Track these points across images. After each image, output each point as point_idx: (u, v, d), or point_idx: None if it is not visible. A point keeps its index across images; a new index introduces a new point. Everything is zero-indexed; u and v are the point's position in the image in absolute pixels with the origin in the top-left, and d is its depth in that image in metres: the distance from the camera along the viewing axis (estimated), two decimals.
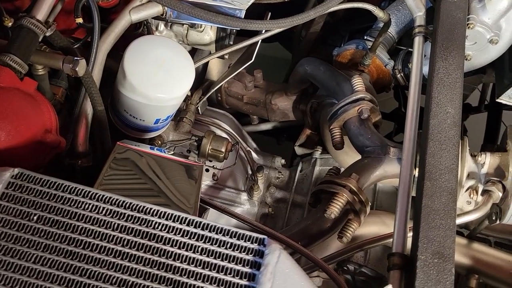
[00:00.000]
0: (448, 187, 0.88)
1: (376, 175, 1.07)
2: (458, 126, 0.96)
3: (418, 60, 1.09)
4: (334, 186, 1.03)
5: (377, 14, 1.25)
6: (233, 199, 1.36)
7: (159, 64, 1.00)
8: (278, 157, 1.50)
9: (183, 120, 1.30)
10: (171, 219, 0.70)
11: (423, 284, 0.79)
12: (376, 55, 1.42)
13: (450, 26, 1.08)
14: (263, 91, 1.59)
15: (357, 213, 1.04)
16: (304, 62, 1.42)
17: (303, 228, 1.04)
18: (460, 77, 1.01)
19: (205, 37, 1.29)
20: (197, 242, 0.69)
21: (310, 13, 1.14)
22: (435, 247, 0.83)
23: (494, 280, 1.15)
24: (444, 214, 0.86)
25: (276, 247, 0.68)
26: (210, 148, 1.25)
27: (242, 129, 1.54)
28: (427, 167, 0.91)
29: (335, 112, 1.19)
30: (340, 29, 1.74)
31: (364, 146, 1.11)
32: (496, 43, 1.22)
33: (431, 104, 0.98)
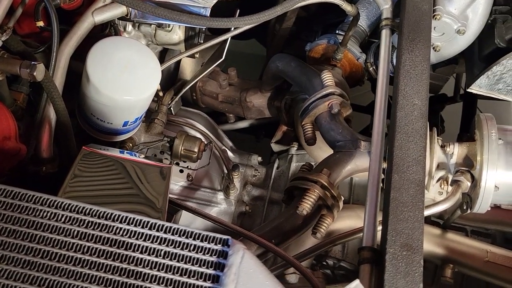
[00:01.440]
0: (416, 179, 0.89)
1: (347, 170, 1.07)
2: (425, 117, 0.96)
3: (386, 53, 1.09)
4: (306, 182, 1.02)
5: (345, 8, 1.24)
6: (209, 199, 1.35)
7: (123, 66, 0.99)
8: (255, 155, 1.50)
9: (155, 121, 1.28)
10: (132, 223, 0.69)
11: (392, 277, 0.79)
12: (348, 49, 1.42)
13: (416, 18, 1.08)
14: (238, 89, 1.58)
15: (330, 208, 1.03)
16: (276, 58, 1.41)
17: (276, 226, 1.03)
18: (426, 68, 1.02)
19: (174, 36, 1.27)
20: (160, 245, 0.68)
21: (277, 9, 1.13)
22: (404, 239, 0.83)
23: (469, 269, 1.16)
24: (412, 206, 0.86)
25: (240, 247, 0.68)
26: (183, 149, 1.24)
27: (217, 128, 1.53)
28: (394, 159, 0.91)
29: (306, 108, 1.18)
30: (314, 24, 1.74)
31: (335, 141, 1.11)
32: (464, 33, 1.22)
33: (398, 97, 0.98)
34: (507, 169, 0.96)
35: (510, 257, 1.13)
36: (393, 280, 0.79)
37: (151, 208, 0.86)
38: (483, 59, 1.30)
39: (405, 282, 0.79)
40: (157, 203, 0.87)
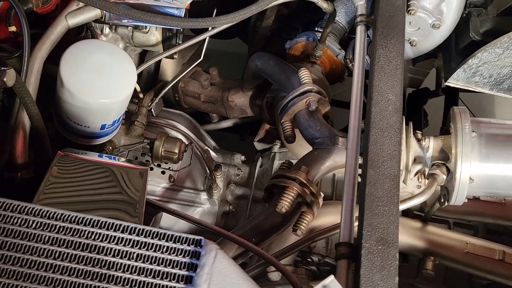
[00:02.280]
0: (391, 173, 0.89)
1: (326, 166, 1.08)
2: (400, 112, 0.97)
3: (361, 49, 1.10)
4: (284, 180, 1.03)
5: (321, 6, 1.25)
6: (192, 200, 1.35)
7: (97, 69, 0.98)
8: (238, 154, 1.50)
9: (135, 123, 1.28)
10: (104, 227, 0.69)
11: (368, 271, 0.80)
12: (327, 46, 1.43)
13: (389, 13, 1.09)
14: (220, 88, 1.58)
15: (309, 205, 1.04)
16: (255, 57, 1.41)
17: (256, 225, 1.04)
18: (400, 63, 1.02)
19: (151, 38, 1.27)
20: (132, 248, 0.68)
21: (252, 8, 1.13)
22: (379, 234, 0.83)
23: (450, 261, 1.17)
24: (387, 200, 0.87)
25: (213, 247, 0.68)
26: (163, 150, 1.24)
27: (200, 129, 1.53)
28: (369, 155, 0.91)
29: (285, 105, 1.19)
30: (294, 21, 1.74)
31: (314, 138, 1.12)
32: (439, 27, 1.23)
33: (373, 92, 0.99)
34: (481, 161, 0.97)
35: (489, 248, 1.15)
36: (368, 275, 0.79)
37: (128, 211, 0.86)
38: (460, 52, 1.31)
39: (381, 276, 0.79)
40: (134, 206, 0.87)
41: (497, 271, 1.14)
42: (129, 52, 1.40)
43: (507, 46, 1.16)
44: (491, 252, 1.13)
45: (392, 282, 0.79)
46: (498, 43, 1.16)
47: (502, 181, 0.97)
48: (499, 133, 0.99)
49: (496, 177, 0.97)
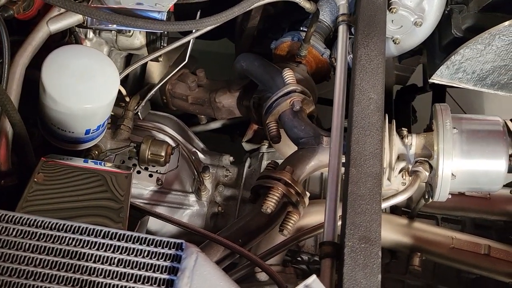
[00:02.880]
0: (373, 172, 0.90)
1: (311, 166, 1.09)
2: (381, 111, 0.97)
3: (343, 49, 1.11)
4: (269, 181, 1.03)
5: (303, 6, 1.25)
6: (180, 202, 1.36)
7: (79, 74, 0.98)
8: (226, 155, 1.50)
9: (121, 127, 1.28)
10: (85, 233, 0.69)
11: (351, 269, 0.80)
12: (312, 45, 1.43)
13: (370, 12, 1.10)
14: (207, 90, 1.58)
15: (295, 205, 1.04)
16: (240, 58, 1.42)
17: (243, 226, 1.04)
18: (382, 62, 1.03)
19: (135, 41, 1.27)
20: (113, 254, 0.68)
21: (234, 10, 1.13)
22: (362, 232, 0.84)
23: (436, 256, 1.18)
24: (369, 199, 0.87)
25: (194, 251, 0.68)
26: (150, 153, 1.24)
27: (187, 130, 1.53)
28: (352, 154, 0.92)
29: (269, 106, 1.19)
30: (281, 21, 1.74)
31: (299, 137, 1.12)
32: (421, 25, 1.24)
33: (355, 92, 0.99)
34: (462, 157, 0.97)
35: (474, 242, 1.16)
36: (352, 273, 0.80)
37: (112, 216, 0.86)
38: (443, 49, 1.32)
39: (364, 274, 0.80)
40: (117, 211, 0.87)
41: (482, 265, 1.15)
42: (115, 56, 1.41)
43: (488, 42, 1.17)
44: (477, 247, 1.14)
45: (375, 279, 0.79)
46: (479, 39, 1.17)
47: (484, 177, 0.98)
48: (480, 129, 0.99)
49: (478, 172, 0.98)
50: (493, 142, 0.97)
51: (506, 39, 1.16)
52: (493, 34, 1.15)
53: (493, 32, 1.15)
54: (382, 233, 1.21)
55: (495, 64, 1.23)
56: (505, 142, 0.97)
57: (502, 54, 1.20)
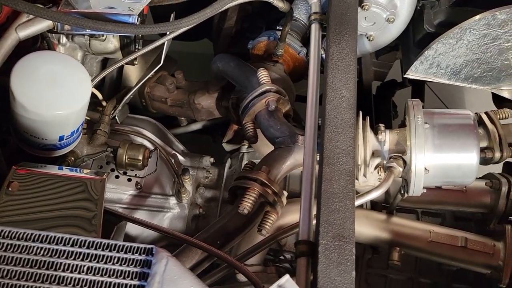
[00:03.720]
0: (346, 169, 0.90)
1: (288, 165, 1.09)
2: (354, 108, 0.98)
3: (316, 47, 1.11)
4: (246, 181, 1.03)
5: (276, 5, 1.26)
6: (161, 205, 1.35)
7: (49, 80, 0.97)
8: (207, 156, 1.50)
9: (97, 132, 1.27)
10: (53, 242, 0.69)
11: (325, 268, 0.81)
12: (288, 44, 1.44)
13: (342, 10, 1.10)
14: (186, 91, 1.58)
15: (272, 204, 1.05)
16: (216, 59, 1.41)
17: (221, 227, 1.04)
18: (354, 60, 1.04)
19: (109, 45, 1.26)
20: (82, 262, 0.68)
21: (206, 11, 1.13)
22: (336, 230, 0.85)
23: (415, 250, 1.19)
24: (343, 196, 0.88)
25: (164, 255, 0.68)
26: (127, 158, 1.24)
27: (167, 133, 1.52)
28: (325, 152, 0.92)
29: (245, 106, 1.19)
30: (258, 20, 1.74)
31: (275, 137, 1.13)
32: (393, 21, 1.25)
33: (327, 90, 1.00)
34: (435, 151, 0.98)
35: (452, 235, 1.17)
36: (326, 271, 0.80)
37: (85, 223, 0.86)
38: (417, 44, 1.33)
39: (338, 272, 0.80)
40: (91, 218, 0.87)
41: (460, 257, 1.16)
42: (90, 60, 1.39)
43: (460, 37, 1.18)
44: (454, 240, 1.16)
45: (349, 276, 0.80)
46: (450, 34, 1.18)
47: (456, 170, 0.99)
48: (451, 123, 1.01)
49: (450, 166, 0.99)
50: (464, 135, 0.98)
51: (477, 33, 1.17)
52: (464, 28, 1.16)
53: (463, 26, 1.16)
54: (361, 229, 1.23)
55: (467, 58, 1.24)
56: (476, 135, 0.99)
57: (473, 48, 1.21)
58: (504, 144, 1.22)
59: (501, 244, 1.14)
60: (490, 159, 1.22)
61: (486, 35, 1.17)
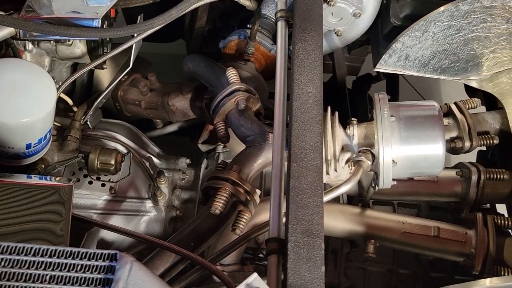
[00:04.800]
0: (314, 165, 0.91)
1: (259, 163, 1.09)
2: (320, 104, 0.98)
3: (282, 44, 1.11)
4: (217, 181, 1.03)
5: (243, 3, 1.25)
6: (137, 209, 1.34)
7: (11, 88, 0.96)
8: (182, 157, 1.49)
9: (68, 138, 1.25)
10: (15, 252, 0.68)
11: (294, 264, 0.81)
12: (259, 42, 1.43)
13: (307, 7, 1.11)
14: (160, 93, 1.57)
15: (245, 203, 1.05)
16: (186, 60, 1.41)
17: (194, 228, 1.04)
18: (319, 56, 1.04)
19: (76, 50, 1.25)
20: (45, 271, 0.67)
21: (171, 12, 1.12)
22: (304, 226, 0.85)
23: (389, 242, 1.21)
24: (311, 192, 0.88)
25: (127, 260, 0.68)
26: (99, 163, 1.23)
27: (142, 136, 1.51)
28: (292, 149, 0.93)
29: (216, 106, 1.19)
30: (230, 20, 1.74)
31: (245, 136, 1.13)
32: (360, 16, 1.26)
33: (294, 87, 1.00)
34: (402, 143, 0.99)
35: (424, 225, 1.19)
36: (295, 267, 0.81)
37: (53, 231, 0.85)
38: (385, 38, 1.35)
39: (308, 267, 0.81)
40: (58, 226, 0.86)
41: (433, 247, 1.18)
42: (59, 66, 1.38)
43: (425, 29, 1.20)
44: (427, 230, 1.17)
45: (319, 271, 0.80)
46: (416, 27, 1.19)
47: (423, 161, 1.00)
48: (416, 114, 1.02)
49: (418, 157, 1.00)
50: (429, 127, 0.99)
51: (441, 25, 1.19)
52: (428, 20, 1.18)
53: (428, 18, 1.17)
54: (336, 224, 1.23)
55: (434, 50, 1.26)
56: (441, 126, 1.00)
57: (439, 39, 1.23)
58: (473, 133, 1.24)
59: (472, 232, 1.16)
60: (460, 149, 1.24)
61: (451, 26, 1.19)
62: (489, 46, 1.24)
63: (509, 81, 1.32)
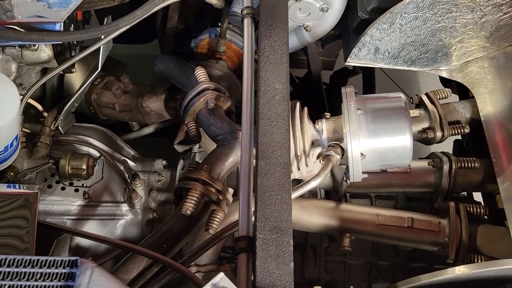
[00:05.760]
0: (281, 162, 0.91)
1: (230, 162, 1.08)
2: (287, 100, 0.98)
3: (249, 42, 1.10)
4: (188, 182, 1.03)
5: (210, 2, 1.25)
6: (112, 213, 1.33)
7: None
8: (158, 159, 1.48)
9: (38, 144, 1.24)
10: None
11: (263, 261, 0.81)
12: (230, 40, 1.43)
13: (272, 3, 1.10)
14: (134, 95, 1.56)
15: (217, 203, 1.04)
16: (157, 61, 1.40)
17: (166, 230, 1.03)
18: (286, 52, 1.03)
19: (42, 55, 1.23)
20: (3, 281, 0.66)
21: (136, 13, 1.11)
22: (273, 223, 0.85)
23: (364, 235, 1.21)
24: (279, 189, 0.88)
25: (88, 266, 0.67)
26: (70, 168, 1.21)
27: (116, 139, 1.49)
28: (260, 146, 0.92)
29: (186, 106, 1.18)
30: (203, 18, 1.73)
31: (216, 135, 1.12)
32: (327, 10, 1.26)
33: (260, 83, 0.99)
34: (369, 136, 1.00)
35: (398, 216, 1.19)
36: (264, 265, 0.80)
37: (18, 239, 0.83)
38: (355, 31, 1.35)
39: (276, 264, 0.81)
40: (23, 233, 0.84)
41: (408, 237, 1.18)
42: (27, 71, 1.36)
43: (392, 21, 1.20)
44: (401, 221, 1.18)
45: (287, 268, 0.80)
46: (383, 19, 1.19)
47: (392, 153, 1.01)
48: (383, 107, 1.02)
49: (386, 149, 1.00)
50: (396, 119, 1.00)
51: (408, 17, 1.19)
52: (394, 13, 1.18)
53: (394, 11, 1.18)
54: (311, 219, 1.23)
55: (402, 41, 1.26)
56: (407, 117, 1.00)
57: (407, 31, 1.23)
58: (444, 123, 1.26)
59: (446, 221, 1.17)
60: (432, 139, 1.25)
61: (417, 17, 1.19)
62: (456, 36, 1.25)
63: (479, 70, 1.33)
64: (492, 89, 1.28)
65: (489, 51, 1.30)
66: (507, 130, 1.20)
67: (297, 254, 1.38)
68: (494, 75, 1.30)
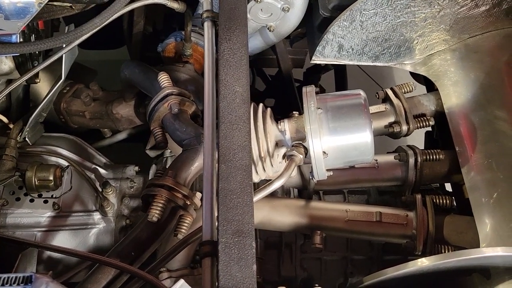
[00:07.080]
0: (243, 164, 0.91)
1: (196, 166, 1.09)
2: (247, 103, 0.98)
3: (209, 45, 1.10)
4: (153, 189, 1.03)
5: (171, 6, 1.24)
6: (84, 222, 1.32)
7: None
8: (130, 165, 1.47)
9: (3, 157, 1.22)
10: None
11: (225, 265, 0.81)
12: (196, 43, 1.43)
13: (231, 6, 1.10)
14: (103, 102, 1.54)
15: (184, 208, 1.04)
16: (123, 67, 1.39)
17: (134, 238, 1.03)
18: (245, 54, 1.04)
19: (3, 66, 1.21)
20: None
21: (95, 21, 1.10)
22: (235, 226, 0.85)
23: (334, 231, 1.22)
24: (240, 192, 0.88)
25: (43, 281, 0.67)
26: (37, 180, 1.20)
27: (87, 147, 1.48)
28: (221, 150, 0.92)
29: (150, 112, 1.18)
30: (171, 22, 1.72)
31: (182, 140, 1.12)
32: (288, 10, 1.26)
33: (220, 87, 0.99)
34: (330, 134, 1.00)
35: (367, 211, 1.21)
36: (226, 269, 0.81)
37: None
38: (318, 29, 1.35)
39: (239, 267, 0.81)
40: None
41: (377, 232, 1.20)
42: None
43: (353, 18, 1.21)
44: (369, 215, 1.19)
45: (250, 270, 0.81)
46: (343, 17, 1.20)
47: (354, 150, 1.02)
48: (343, 104, 1.03)
49: (348, 147, 1.01)
50: (356, 116, 1.00)
51: (367, 13, 1.20)
52: (354, 10, 1.19)
53: (354, 8, 1.18)
54: (282, 219, 1.24)
55: (364, 38, 1.27)
56: (367, 114, 1.01)
57: (368, 27, 1.24)
58: (410, 116, 1.27)
59: (413, 213, 1.18)
60: (399, 133, 1.27)
61: (377, 13, 1.20)
62: (416, 30, 1.26)
63: (442, 62, 1.35)
64: (455, 81, 1.30)
65: (451, 44, 1.32)
66: (471, 120, 1.22)
67: (273, 253, 1.39)
68: (457, 67, 1.32)
